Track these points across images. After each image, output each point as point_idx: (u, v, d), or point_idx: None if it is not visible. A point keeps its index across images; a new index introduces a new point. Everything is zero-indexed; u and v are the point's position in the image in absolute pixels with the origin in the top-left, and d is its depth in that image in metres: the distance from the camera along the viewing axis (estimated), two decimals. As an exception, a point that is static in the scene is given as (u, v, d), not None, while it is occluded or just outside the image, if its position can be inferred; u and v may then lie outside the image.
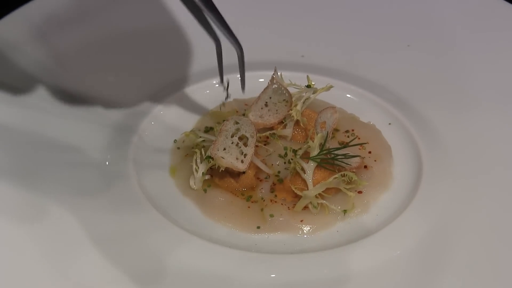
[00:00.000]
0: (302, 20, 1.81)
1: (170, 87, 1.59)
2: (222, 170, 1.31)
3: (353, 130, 1.50)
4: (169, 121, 1.54)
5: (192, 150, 1.40)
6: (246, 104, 1.55)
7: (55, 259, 1.15)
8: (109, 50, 1.66)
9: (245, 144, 1.33)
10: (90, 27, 1.74)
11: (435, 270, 1.16)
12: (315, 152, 1.31)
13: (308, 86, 1.48)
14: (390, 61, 1.71)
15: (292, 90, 1.46)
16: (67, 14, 1.75)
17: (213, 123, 1.48)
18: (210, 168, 1.35)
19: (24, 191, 1.27)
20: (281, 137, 1.44)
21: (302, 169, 1.30)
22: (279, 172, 1.37)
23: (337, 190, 1.32)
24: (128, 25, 1.75)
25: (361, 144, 1.42)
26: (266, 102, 1.45)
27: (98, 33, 1.73)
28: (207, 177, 1.36)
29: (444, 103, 1.55)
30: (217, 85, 1.62)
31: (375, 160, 1.42)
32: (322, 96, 1.52)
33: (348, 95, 1.63)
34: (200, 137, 1.39)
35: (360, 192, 1.35)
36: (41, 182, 1.30)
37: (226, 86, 1.45)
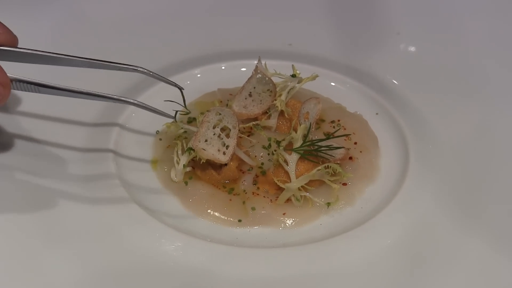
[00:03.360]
0: (290, 8, 1.78)
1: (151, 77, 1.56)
2: (203, 162, 1.28)
3: (339, 121, 1.47)
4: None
5: (174, 141, 1.37)
6: (230, 94, 1.52)
7: (31, 254, 1.12)
8: (87, 39, 1.63)
9: (228, 136, 1.30)
10: (64, 13, 1.70)
11: (421, 263, 1.14)
12: (298, 143, 1.28)
13: (293, 76, 1.45)
14: (379, 49, 1.67)
15: (277, 79, 1.43)
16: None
17: (196, 114, 1.45)
18: (192, 160, 1.32)
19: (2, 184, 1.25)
20: (266, 128, 1.41)
21: (285, 161, 1.27)
22: (262, 164, 1.34)
23: (321, 183, 1.29)
24: (105, 13, 1.72)
25: (346, 135, 1.39)
26: (250, 92, 1.42)
27: (76, 21, 1.69)
28: (188, 169, 1.33)
29: (434, 93, 1.53)
30: (199, 75, 1.60)
31: (360, 151, 1.39)
32: (308, 86, 1.49)
33: (336, 85, 1.60)
34: (182, 128, 1.36)
35: (344, 184, 1.32)
36: (18, 175, 1.28)
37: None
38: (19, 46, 1.24)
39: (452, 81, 1.55)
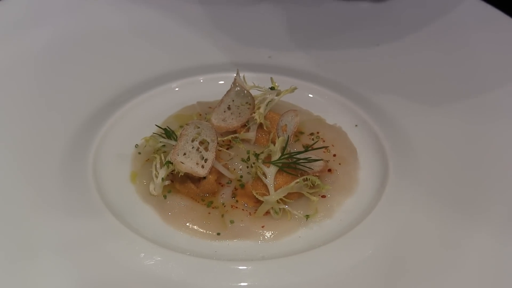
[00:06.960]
0: (269, 20, 1.78)
1: (131, 91, 1.56)
2: (181, 175, 1.28)
3: (318, 133, 1.47)
4: (131, 125, 1.50)
5: (152, 155, 1.37)
6: (210, 107, 1.52)
7: (6, 267, 1.12)
8: (67, 53, 1.63)
9: (206, 149, 1.30)
10: (45, 30, 1.70)
11: (400, 275, 1.14)
12: (276, 156, 1.28)
13: (272, 88, 1.45)
14: (358, 61, 1.68)
15: (255, 92, 1.43)
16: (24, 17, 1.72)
17: (175, 127, 1.44)
18: (171, 173, 1.32)
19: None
20: (245, 140, 1.41)
21: (264, 173, 1.27)
22: (241, 176, 1.34)
23: (300, 195, 1.29)
24: (86, 27, 1.72)
25: (324, 147, 1.39)
26: (229, 105, 1.42)
27: (55, 36, 1.69)
28: (167, 182, 1.33)
29: (412, 105, 1.53)
30: (177, 89, 1.60)
31: (339, 163, 1.39)
32: (287, 98, 1.49)
33: (315, 96, 1.60)
34: (160, 142, 1.36)
35: (323, 196, 1.32)
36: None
37: None
38: None
39: (432, 93, 1.56)
